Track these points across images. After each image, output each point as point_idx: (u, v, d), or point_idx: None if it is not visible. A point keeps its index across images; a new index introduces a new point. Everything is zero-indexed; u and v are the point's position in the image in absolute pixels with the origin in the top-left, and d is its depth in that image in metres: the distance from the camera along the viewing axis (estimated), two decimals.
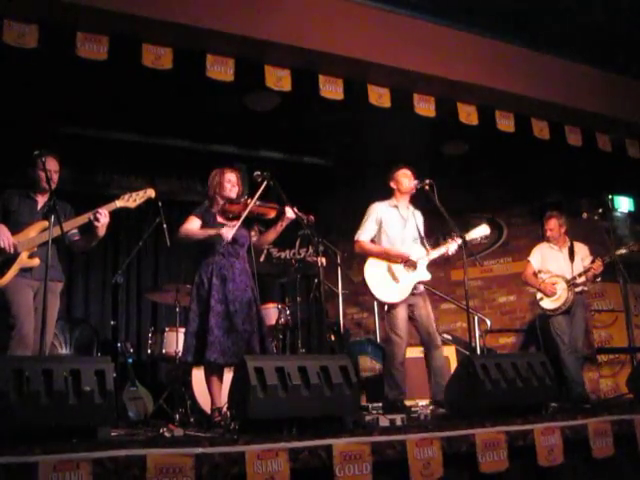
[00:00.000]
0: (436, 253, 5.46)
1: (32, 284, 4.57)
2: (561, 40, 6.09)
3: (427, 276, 5.46)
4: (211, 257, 4.75)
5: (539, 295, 6.56)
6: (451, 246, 5.42)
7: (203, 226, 4.82)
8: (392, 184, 5.60)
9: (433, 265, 5.58)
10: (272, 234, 4.98)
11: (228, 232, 4.63)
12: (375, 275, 5.38)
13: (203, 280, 4.71)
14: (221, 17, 4.70)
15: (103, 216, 4.52)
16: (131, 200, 4.69)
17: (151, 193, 4.79)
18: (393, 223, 5.51)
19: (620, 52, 6.31)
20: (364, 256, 5.50)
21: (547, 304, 6.48)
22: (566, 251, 6.62)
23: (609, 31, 6.04)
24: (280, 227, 4.86)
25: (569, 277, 6.43)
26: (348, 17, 5.20)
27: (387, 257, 5.41)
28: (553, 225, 6.70)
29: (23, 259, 4.51)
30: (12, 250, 4.45)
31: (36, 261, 4.53)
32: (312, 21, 5.04)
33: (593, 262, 6.47)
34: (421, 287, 5.52)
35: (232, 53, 4.86)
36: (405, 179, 5.53)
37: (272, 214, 4.83)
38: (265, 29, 4.84)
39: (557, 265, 6.61)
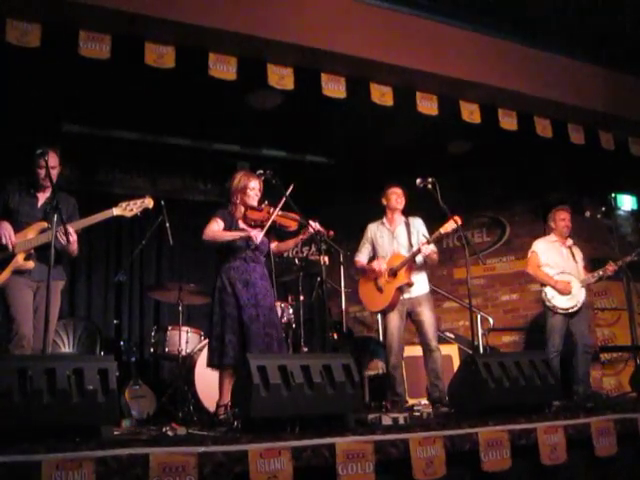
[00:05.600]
0: (412, 257, 5.68)
1: (31, 284, 4.59)
2: (564, 38, 6.08)
3: (405, 280, 5.67)
4: (233, 262, 4.79)
5: (551, 292, 6.40)
6: (423, 248, 5.59)
7: (225, 230, 4.84)
8: (383, 200, 5.99)
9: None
10: (291, 244, 5.10)
11: (258, 235, 4.69)
12: (364, 289, 5.97)
13: (225, 284, 4.73)
14: (223, 16, 4.70)
15: (71, 234, 4.48)
16: (128, 209, 4.74)
17: (149, 203, 4.82)
18: (383, 239, 5.92)
19: (623, 50, 6.29)
20: (359, 273, 6.09)
21: (561, 302, 6.34)
22: (567, 250, 6.59)
23: (612, 29, 6.03)
24: (300, 240, 4.95)
25: (574, 275, 6.40)
26: (351, 15, 5.20)
27: (369, 272, 5.87)
28: (565, 217, 6.63)
29: (18, 261, 4.53)
30: (12, 247, 4.47)
31: (30, 264, 4.56)
32: (315, 20, 5.04)
33: (605, 265, 6.42)
34: (414, 291, 5.74)
35: (234, 52, 4.86)
36: (393, 196, 5.92)
37: (293, 227, 4.87)
38: (268, 27, 4.83)
39: (560, 260, 6.54)
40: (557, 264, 6.51)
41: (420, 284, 5.77)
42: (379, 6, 5.35)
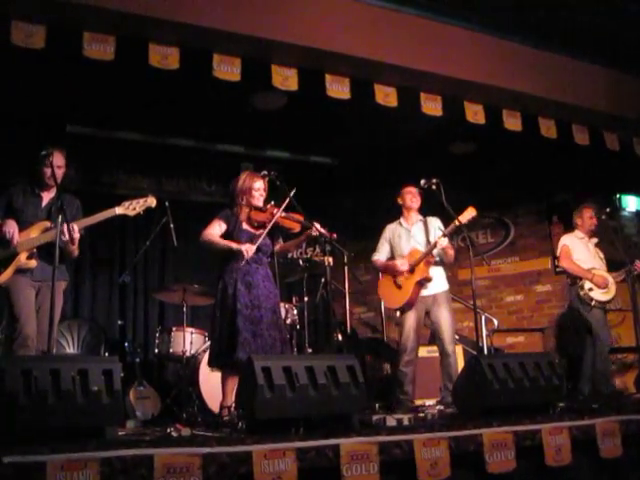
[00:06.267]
0: (429, 250, 5.65)
1: (33, 284, 4.59)
2: (568, 39, 6.07)
3: (423, 274, 5.66)
4: (234, 263, 4.74)
5: (588, 285, 6.30)
6: (440, 240, 5.55)
7: (228, 231, 4.83)
8: (399, 200, 5.98)
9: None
10: (293, 245, 5.10)
11: (250, 249, 4.64)
12: (384, 287, 5.95)
13: (227, 286, 4.70)
14: (228, 17, 4.70)
15: (74, 232, 4.45)
16: (131, 208, 4.72)
17: (152, 202, 4.80)
18: (400, 239, 5.90)
19: (627, 51, 6.28)
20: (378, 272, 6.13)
21: (599, 296, 6.26)
22: (593, 247, 6.55)
23: (616, 29, 6.02)
24: (301, 241, 4.96)
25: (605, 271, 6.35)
26: (355, 16, 5.20)
27: (389, 270, 5.86)
28: (592, 214, 6.58)
29: (21, 260, 4.52)
30: (15, 244, 4.46)
31: (33, 263, 4.56)
32: (319, 20, 5.04)
33: (632, 262, 6.39)
34: (432, 288, 5.72)
35: (239, 53, 4.85)
36: (408, 196, 5.92)
37: (297, 228, 4.86)
38: (272, 28, 4.83)
39: (589, 256, 6.47)
40: (587, 260, 6.44)
41: (438, 280, 5.75)
42: (383, 7, 5.34)
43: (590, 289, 6.30)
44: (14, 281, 4.52)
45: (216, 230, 4.81)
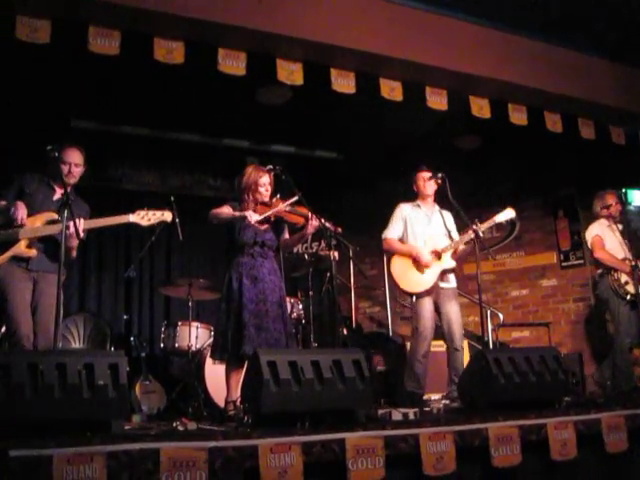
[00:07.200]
0: (464, 241, 5.53)
1: (29, 275, 4.50)
2: (574, 32, 6.05)
3: (451, 264, 5.58)
4: (240, 258, 4.77)
5: (624, 278, 6.14)
6: (470, 233, 5.41)
7: (235, 225, 4.82)
8: (414, 186, 5.80)
9: None
10: (298, 240, 5.07)
11: (253, 215, 4.62)
12: (401, 268, 5.62)
13: (233, 280, 4.71)
14: (233, 11, 4.70)
15: (80, 226, 4.32)
16: (145, 218, 4.65)
17: (168, 217, 4.74)
18: (418, 221, 5.70)
19: (634, 44, 6.26)
20: (390, 252, 5.75)
21: (633, 289, 6.05)
22: (619, 234, 6.40)
23: (623, 23, 6.00)
24: (306, 235, 4.92)
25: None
26: (360, 10, 5.19)
27: (409, 254, 5.59)
28: (616, 200, 6.42)
29: (20, 247, 4.44)
30: (21, 223, 4.40)
31: (33, 252, 4.47)
32: (324, 14, 5.03)
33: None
34: (451, 282, 5.67)
35: (244, 47, 4.85)
36: (420, 182, 5.74)
37: (301, 223, 4.86)
38: (277, 23, 4.83)
39: (616, 245, 6.31)
40: (618, 249, 6.30)
41: (452, 275, 5.70)
42: (388, 1, 5.33)
43: (626, 282, 6.14)
44: (8, 271, 4.43)
45: (225, 210, 4.81)
